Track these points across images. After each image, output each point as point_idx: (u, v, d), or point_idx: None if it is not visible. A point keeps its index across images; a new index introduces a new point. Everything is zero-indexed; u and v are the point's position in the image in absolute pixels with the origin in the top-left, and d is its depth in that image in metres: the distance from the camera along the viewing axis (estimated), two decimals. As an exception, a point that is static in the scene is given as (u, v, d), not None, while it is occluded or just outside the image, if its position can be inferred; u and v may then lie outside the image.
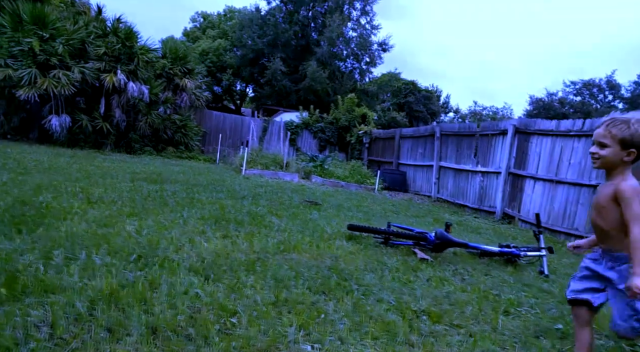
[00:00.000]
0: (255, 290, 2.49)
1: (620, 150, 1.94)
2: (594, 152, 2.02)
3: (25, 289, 2.14)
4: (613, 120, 1.99)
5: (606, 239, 2.02)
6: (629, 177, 1.96)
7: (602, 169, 2.06)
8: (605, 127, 1.99)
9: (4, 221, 3.39)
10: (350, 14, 31.18)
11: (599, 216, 2.03)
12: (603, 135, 1.99)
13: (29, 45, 11.25)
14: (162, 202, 5.35)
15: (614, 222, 1.95)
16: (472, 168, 10.24)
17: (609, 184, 2.01)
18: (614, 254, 1.99)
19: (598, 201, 2.04)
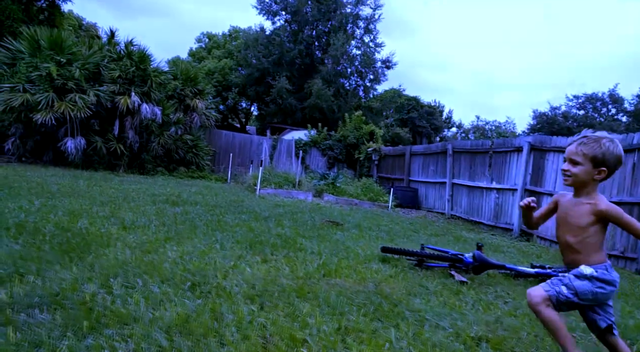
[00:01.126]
0: (315, 318, 2.53)
1: (592, 168, 1.99)
2: (566, 169, 2.06)
3: (100, 320, 2.19)
4: (585, 138, 2.02)
5: (573, 254, 2.06)
6: (602, 196, 2.04)
7: (572, 186, 2.10)
8: (577, 145, 2.02)
9: (54, 249, 3.45)
10: (354, 33, 31.68)
11: (573, 235, 2.05)
12: (575, 153, 2.03)
13: (46, 70, 11.48)
14: (191, 226, 5.40)
15: (587, 240, 2.01)
16: (486, 185, 10.29)
17: (581, 203, 2.04)
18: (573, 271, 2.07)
19: (572, 219, 2.06)
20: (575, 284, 1.98)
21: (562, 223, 2.12)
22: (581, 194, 2.06)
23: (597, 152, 1.97)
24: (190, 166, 15.66)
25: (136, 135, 13.97)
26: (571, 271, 2.06)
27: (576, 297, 1.98)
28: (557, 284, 2.01)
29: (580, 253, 2.04)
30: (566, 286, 1.99)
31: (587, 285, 1.98)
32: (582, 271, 2.00)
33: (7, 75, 11.73)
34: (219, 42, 34.67)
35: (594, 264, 2.01)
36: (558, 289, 1.99)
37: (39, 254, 3.25)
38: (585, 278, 1.99)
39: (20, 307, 2.26)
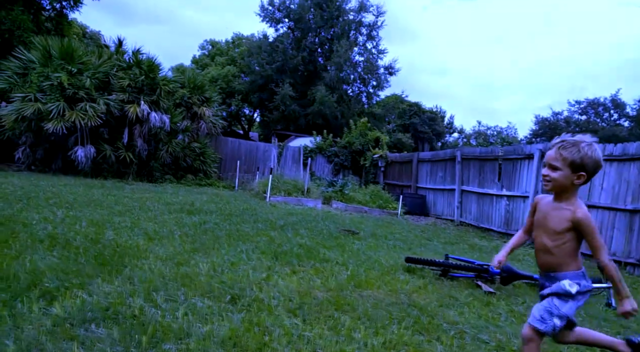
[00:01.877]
0: (360, 332, 2.58)
1: (571, 173, 1.98)
2: (546, 174, 2.04)
3: (155, 335, 2.24)
4: (564, 142, 2.02)
5: (549, 257, 2.06)
6: (581, 203, 2.04)
7: (553, 191, 2.08)
8: (557, 150, 2.01)
9: (90, 261, 3.51)
10: (357, 39, 31.86)
11: (550, 239, 2.05)
12: (554, 158, 2.01)
13: (58, 79, 11.57)
14: (213, 236, 5.45)
15: (566, 247, 2.01)
16: (496, 192, 10.34)
17: (561, 208, 2.04)
18: (550, 275, 2.06)
19: (550, 224, 2.06)
20: (564, 311, 2.00)
21: (539, 226, 2.12)
22: (561, 199, 2.05)
23: (575, 157, 1.97)
24: (197, 174, 15.72)
25: (144, 144, 14.04)
26: (554, 288, 2.04)
27: (567, 320, 2.03)
28: (549, 320, 2.01)
29: (556, 257, 2.04)
30: (559, 317, 2.00)
31: (573, 305, 2.02)
32: (567, 288, 2.00)
33: (18, 84, 11.82)
34: (222, 49, 34.87)
35: (570, 270, 2.03)
36: (552, 324, 2.00)
37: (77, 267, 3.30)
38: (569, 297, 2.01)
39: (77, 322, 2.31)
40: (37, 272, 3.05)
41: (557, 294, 2.01)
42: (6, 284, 2.75)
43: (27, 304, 2.47)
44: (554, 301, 2.01)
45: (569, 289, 1.98)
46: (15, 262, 3.23)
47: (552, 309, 1.99)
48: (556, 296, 2.02)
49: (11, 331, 2.12)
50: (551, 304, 2.00)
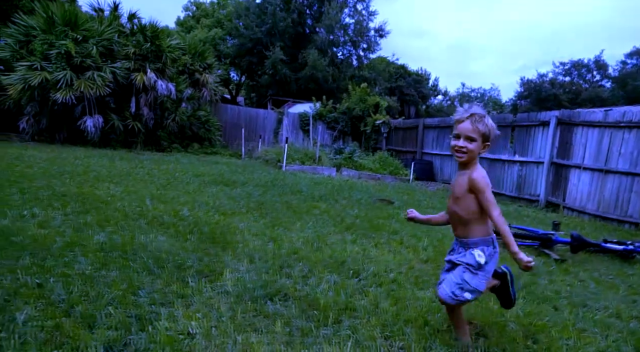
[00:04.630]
0: (490, 302, 2.89)
1: (481, 143, 2.12)
2: (463, 146, 2.11)
3: (327, 310, 2.49)
4: (475, 115, 2.11)
5: (462, 225, 2.17)
6: (479, 167, 2.16)
7: (465, 162, 2.15)
8: (472, 123, 2.10)
9: (201, 240, 3.69)
10: (347, 1, 31.11)
11: (456, 204, 2.17)
12: (472, 130, 2.09)
13: (64, 47, 11.15)
14: (273, 209, 5.66)
15: (471, 211, 2.11)
16: (508, 158, 10.76)
17: (462, 173, 2.16)
18: (463, 240, 2.18)
19: (454, 191, 2.19)
20: (474, 284, 2.10)
21: (450, 196, 2.25)
22: (467, 168, 2.16)
23: (486, 129, 2.10)
24: (203, 142, 15.64)
25: (151, 112, 13.81)
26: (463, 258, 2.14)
27: (478, 293, 2.14)
28: (460, 295, 2.11)
29: (465, 222, 2.14)
30: (469, 291, 2.10)
31: (482, 277, 2.12)
32: (477, 259, 2.10)
33: (22, 53, 11.34)
34: (207, 11, 33.56)
35: (480, 236, 2.12)
36: (464, 299, 2.12)
37: (195, 247, 3.49)
38: (479, 268, 2.10)
39: (251, 298, 2.53)
40: (169, 252, 3.23)
41: (468, 265, 2.11)
42: (158, 264, 2.92)
43: (193, 283, 2.68)
44: (464, 276, 2.10)
45: (478, 260, 2.09)
46: (136, 243, 3.39)
47: (463, 285, 2.10)
48: (466, 267, 2.11)
49: (204, 306, 2.32)
50: (462, 279, 2.10)
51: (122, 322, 2.05)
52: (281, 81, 28.29)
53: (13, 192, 4.71)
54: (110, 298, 2.30)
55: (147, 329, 2.02)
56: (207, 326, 2.14)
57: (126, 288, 2.45)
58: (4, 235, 3.12)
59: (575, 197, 8.78)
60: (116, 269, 2.75)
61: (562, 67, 37.18)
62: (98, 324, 2.02)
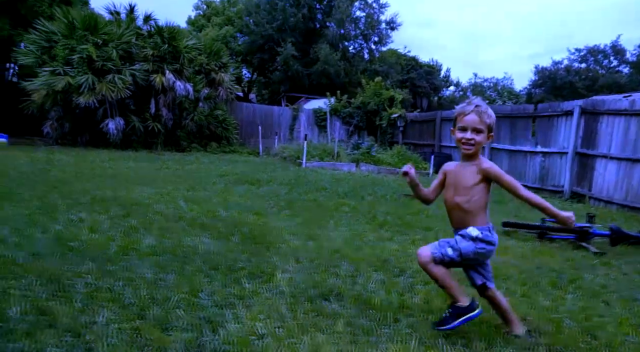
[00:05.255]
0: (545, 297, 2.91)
1: (487, 135, 2.18)
2: (471, 138, 2.15)
3: (385, 309, 2.55)
4: (480, 107, 2.16)
5: (464, 217, 2.21)
6: (483, 157, 2.23)
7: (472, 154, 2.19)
8: (479, 115, 2.14)
9: (245, 241, 3.77)
10: (357, -7, 30.93)
11: (461, 196, 2.20)
12: (479, 122, 2.14)
13: (85, 52, 11.33)
14: (305, 207, 5.74)
15: (478, 201, 2.16)
16: (530, 149, 10.67)
17: (470, 165, 2.19)
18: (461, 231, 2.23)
19: (460, 181, 2.21)
20: (461, 246, 2.16)
21: (451, 186, 2.26)
22: (472, 159, 2.20)
23: (491, 121, 2.17)
24: (221, 141, 15.80)
25: (170, 113, 13.98)
26: (459, 231, 2.24)
27: (460, 257, 2.17)
28: (443, 246, 2.19)
29: (468, 213, 2.18)
30: (452, 247, 2.17)
31: (471, 246, 2.16)
32: (470, 232, 2.17)
33: (44, 58, 11.56)
34: (217, 9, 33.65)
35: (480, 225, 2.19)
36: (444, 251, 2.17)
37: (242, 248, 3.57)
38: (470, 239, 2.16)
39: (307, 298, 2.60)
40: (217, 253, 3.32)
41: (460, 235, 2.21)
42: (211, 266, 3.01)
43: (248, 284, 2.75)
44: (456, 237, 2.22)
45: (469, 232, 2.17)
46: (185, 246, 3.48)
47: (451, 241, 2.21)
48: (460, 235, 2.22)
49: (264, 307, 2.40)
50: (453, 239, 2.22)
51: (193, 324, 2.14)
52: (293, 77, 28.28)
53: (56, 197, 4.85)
54: (176, 301, 2.38)
55: (217, 331, 2.10)
56: (272, 326, 2.21)
57: (188, 291, 2.54)
58: (62, 240, 3.23)
59: (602, 187, 8.69)
60: (173, 272, 2.85)
61: (577, 54, 36.50)
62: (171, 326, 2.10)
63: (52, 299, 2.25)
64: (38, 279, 2.45)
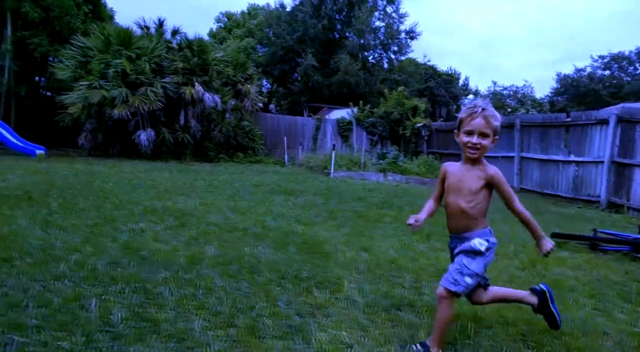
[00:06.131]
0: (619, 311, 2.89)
1: (492, 138, 2.13)
2: (477, 142, 2.10)
3: (461, 319, 2.57)
4: (486, 110, 2.11)
5: (465, 221, 2.16)
6: (486, 162, 2.19)
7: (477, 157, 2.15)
8: (484, 118, 2.09)
9: (300, 251, 3.83)
10: (376, 4, 31.17)
11: (463, 199, 2.14)
12: (485, 126, 2.09)
13: (120, 66, 11.67)
14: (346, 218, 5.78)
15: (480, 205, 2.13)
16: (563, 158, 10.54)
17: (474, 169, 2.15)
18: (462, 236, 2.17)
19: (465, 185, 2.15)
20: (474, 268, 2.08)
21: (454, 190, 2.20)
22: (476, 163, 2.17)
23: (497, 125, 2.13)
24: (247, 151, 16.00)
25: (198, 124, 14.26)
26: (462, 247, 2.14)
27: (479, 277, 2.13)
28: (460, 278, 2.08)
29: (470, 218, 2.14)
30: (469, 276, 2.08)
31: (481, 261, 2.11)
32: (477, 247, 2.09)
33: (81, 73, 11.95)
34: (238, 21, 34.30)
35: (480, 229, 2.15)
36: (465, 284, 2.08)
37: (302, 257, 3.63)
38: (478, 254, 2.10)
39: (381, 308, 2.64)
40: (279, 263, 3.39)
41: (465, 251, 2.11)
42: (278, 275, 3.08)
43: (318, 294, 2.80)
44: (462, 260, 2.10)
45: (478, 248, 2.09)
46: (247, 255, 3.56)
47: (462, 269, 2.08)
48: (464, 254, 2.11)
49: (343, 316, 2.44)
50: (461, 264, 2.09)
51: (283, 332, 2.19)
52: (313, 88, 28.52)
53: (110, 208, 5.01)
54: (259, 309, 2.45)
55: (307, 339, 2.15)
56: (356, 336, 2.25)
57: (266, 300, 2.60)
58: (133, 249, 3.34)
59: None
60: (245, 281, 2.92)
61: (600, 61, 35.96)
62: (263, 334, 2.16)
63: (145, 305, 2.34)
64: (126, 287, 2.55)
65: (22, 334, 1.89)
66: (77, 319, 2.07)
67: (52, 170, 8.51)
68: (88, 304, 2.25)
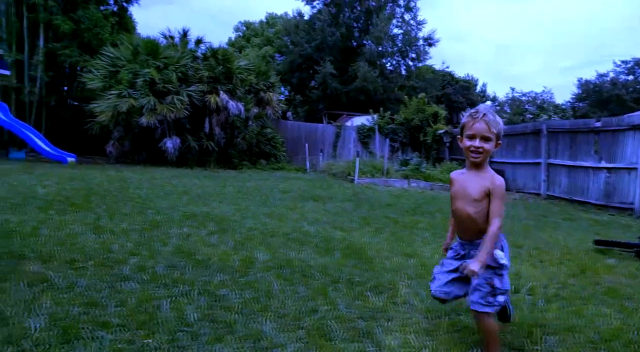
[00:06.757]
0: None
1: (495, 143, 2.11)
2: (479, 146, 2.08)
3: (524, 326, 2.54)
4: (487, 114, 2.09)
5: (475, 228, 2.13)
6: (494, 172, 2.15)
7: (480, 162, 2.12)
8: (486, 123, 2.07)
9: (346, 256, 3.84)
10: (394, 11, 31.27)
11: (471, 206, 2.12)
12: (487, 130, 2.06)
13: (148, 75, 11.92)
14: (381, 223, 5.78)
15: (485, 212, 2.08)
16: (593, 164, 10.35)
17: (479, 176, 2.12)
18: (476, 242, 2.13)
19: (470, 191, 2.13)
20: (503, 286, 2.08)
21: (460, 196, 2.19)
22: (480, 168, 2.15)
23: (499, 129, 2.11)
24: (269, 158, 16.11)
25: (222, 132, 14.43)
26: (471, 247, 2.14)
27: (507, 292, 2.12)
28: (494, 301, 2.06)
29: (478, 224, 2.11)
30: (501, 294, 2.07)
31: (505, 274, 2.10)
32: (500, 261, 2.06)
33: (111, 82, 12.24)
34: (256, 30, 34.75)
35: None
36: (498, 303, 2.07)
37: (348, 262, 3.64)
38: (502, 268, 2.08)
39: (441, 313, 2.63)
40: (328, 267, 3.40)
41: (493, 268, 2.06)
42: (322, 281, 3.09)
43: (374, 298, 2.81)
44: (494, 282, 2.06)
45: (501, 262, 2.06)
46: (294, 260, 3.58)
47: (495, 290, 2.07)
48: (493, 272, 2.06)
49: (405, 321, 2.44)
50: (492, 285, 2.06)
51: (351, 336, 2.21)
52: (331, 95, 28.66)
53: (152, 213, 5.10)
54: (323, 312, 2.46)
55: (375, 342, 2.16)
56: (423, 339, 2.25)
57: (326, 303, 2.62)
58: (186, 253, 3.40)
59: (679, 204, 8.32)
60: (300, 285, 2.94)
61: (624, 66, 35.35)
62: (332, 336, 2.18)
63: (213, 307, 2.38)
64: (190, 289, 2.60)
65: (109, 332, 1.94)
66: (155, 319, 2.11)
67: (85, 177, 8.71)
68: (161, 305, 2.30)
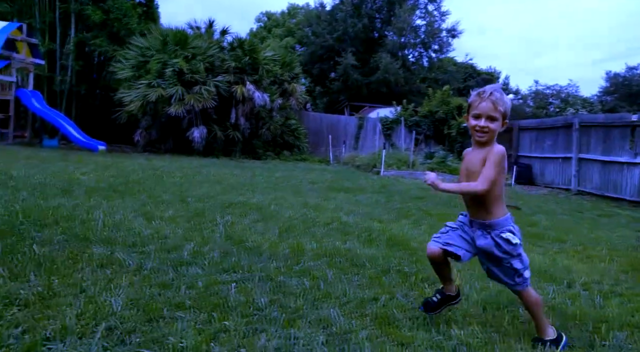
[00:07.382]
0: None
1: (502, 122, 2.08)
2: (484, 126, 2.07)
3: (587, 321, 2.51)
4: (494, 92, 2.07)
5: (480, 205, 2.11)
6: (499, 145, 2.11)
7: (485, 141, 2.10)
8: (493, 102, 2.05)
9: (391, 247, 3.84)
10: (417, 2, 30.82)
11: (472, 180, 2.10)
12: (493, 109, 2.05)
13: (177, 65, 12.03)
14: (417, 215, 5.76)
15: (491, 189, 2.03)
16: (628, 160, 10.09)
17: (481, 151, 2.10)
18: (484, 222, 2.12)
19: (472, 168, 2.13)
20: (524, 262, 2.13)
21: (465, 174, 2.20)
22: (485, 146, 2.12)
23: (506, 108, 2.08)
24: (292, 149, 16.16)
25: (247, 122, 14.52)
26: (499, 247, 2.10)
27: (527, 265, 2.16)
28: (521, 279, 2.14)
29: (483, 203, 2.09)
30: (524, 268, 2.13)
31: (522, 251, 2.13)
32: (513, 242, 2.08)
33: (140, 72, 12.40)
34: (278, 21, 34.68)
35: (500, 217, 2.10)
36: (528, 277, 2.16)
37: (393, 253, 3.64)
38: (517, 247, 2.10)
39: (493, 307, 2.61)
40: (376, 258, 3.41)
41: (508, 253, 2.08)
42: (374, 270, 3.10)
43: (428, 288, 2.81)
44: (514, 264, 2.10)
45: (515, 242, 2.09)
46: (341, 249, 3.60)
47: (519, 270, 2.12)
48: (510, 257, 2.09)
49: (467, 312, 2.43)
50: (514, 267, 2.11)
51: (418, 324, 2.21)
52: (352, 86, 28.49)
53: (192, 201, 5.17)
54: (384, 301, 2.47)
55: (442, 331, 2.16)
56: (488, 330, 2.24)
57: (384, 292, 2.63)
58: (236, 241, 3.45)
59: None
60: (352, 273, 2.96)
61: (655, 59, 34.18)
62: (398, 324, 2.19)
63: (277, 293, 2.41)
64: (251, 275, 2.64)
65: (186, 312, 1.99)
66: (227, 302, 2.15)
67: (119, 165, 8.87)
68: (228, 289, 2.34)
